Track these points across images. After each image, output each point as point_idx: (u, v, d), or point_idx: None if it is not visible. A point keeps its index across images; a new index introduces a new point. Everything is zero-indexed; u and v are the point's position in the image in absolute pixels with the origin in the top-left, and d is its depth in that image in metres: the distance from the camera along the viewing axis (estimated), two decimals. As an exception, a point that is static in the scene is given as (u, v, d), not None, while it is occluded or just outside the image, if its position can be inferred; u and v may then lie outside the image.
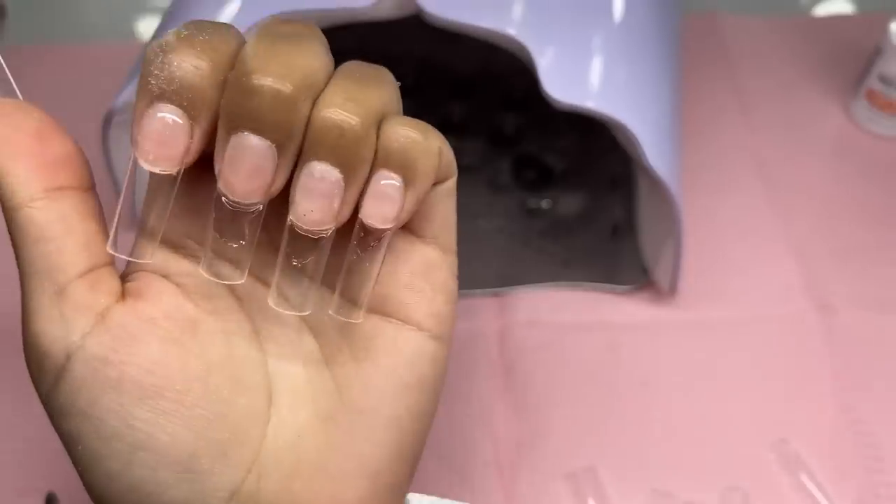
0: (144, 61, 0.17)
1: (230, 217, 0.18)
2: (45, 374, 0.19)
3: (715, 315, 0.42)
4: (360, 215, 0.19)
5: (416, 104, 0.51)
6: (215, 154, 0.18)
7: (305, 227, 0.18)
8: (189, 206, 0.20)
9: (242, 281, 0.20)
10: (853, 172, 0.48)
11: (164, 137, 0.17)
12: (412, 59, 0.49)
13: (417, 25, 0.36)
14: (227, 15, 0.36)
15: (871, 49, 0.49)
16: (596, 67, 0.36)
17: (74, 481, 0.36)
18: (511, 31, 0.35)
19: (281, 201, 0.18)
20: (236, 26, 0.19)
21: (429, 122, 0.20)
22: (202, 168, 0.18)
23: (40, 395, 0.19)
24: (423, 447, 0.22)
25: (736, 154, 0.49)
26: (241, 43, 0.18)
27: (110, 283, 0.19)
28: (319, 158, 0.17)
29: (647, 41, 0.39)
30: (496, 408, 0.39)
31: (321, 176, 0.18)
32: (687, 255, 0.42)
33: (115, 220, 0.19)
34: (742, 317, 0.42)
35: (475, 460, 0.37)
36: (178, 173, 0.18)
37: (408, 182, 0.18)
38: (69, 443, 0.19)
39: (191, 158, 0.18)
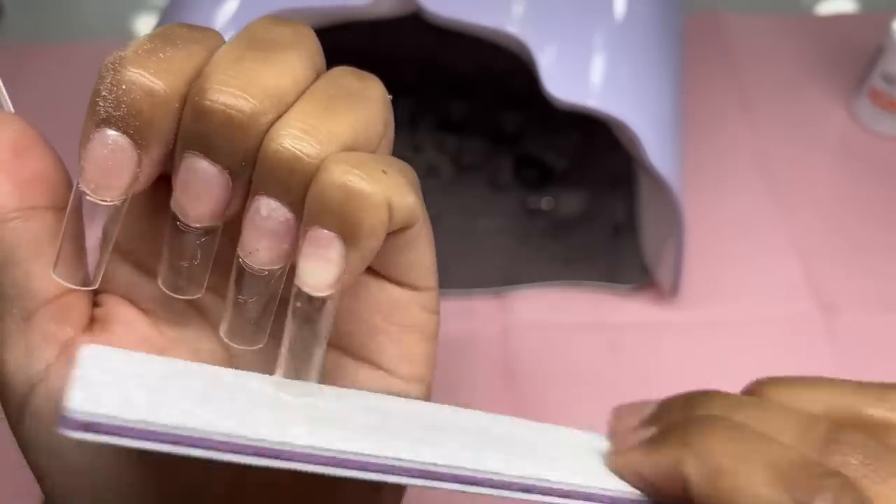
0: (98, 77, 0.15)
1: (180, 236, 0.17)
2: (9, 404, 0.17)
3: (717, 315, 0.42)
4: (294, 280, 0.16)
5: (416, 103, 0.51)
6: (172, 173, 0.16)
7: (253, 266, 0.16)
8: (154, 224, 0.18)
9: (198, 295, 0.17)
10: (856, 171, 0.48)
11: (108, 165, 0.15)
12: (412, 57, 0.49)
13: (417, 24, 0.36)
14: (225, 13, 0.36)
15: (874, 48, 0.49)
16: (597, 66, 0.35)
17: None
18: (511, 29, 0.34)
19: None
20: (235, 26, 0.18)
21: (429, 121, 0.18)
22: (167, 184, 0.17)
23: (10, 425, 0.18)
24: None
25: (738, 153, 0.49)
26: (208, 48, 0.16)
27: (80, 309, 0.18)
28: (268, 194, 0.16)
29: (649, 39, 0.39)
30: (496, 408, 0.38)
31: (268, 213, 0.16)
32: (688, 254, 0.42)
33: (59, 243, 0.17)
34: (744, 316, 0.42)
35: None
36: (122, 203, 0.16)
37: (349, 242, 0.15)
38: (38, 476, 0.18)
39: (140, 187, 0.16)
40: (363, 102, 0.17)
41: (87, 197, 0.16)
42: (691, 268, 0.42)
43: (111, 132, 0.15)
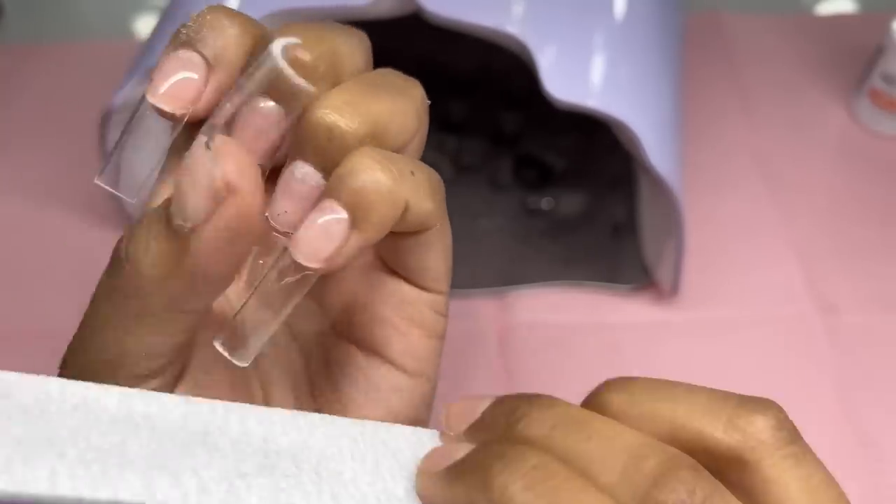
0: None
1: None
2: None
3: (716, 315, 0.42)
4: (289, 245, 0.16)
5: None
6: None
7: (279, 228, 0.17)
8: None
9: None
10: (856, 171, 0.48)
11: (178, 78, 0.17)
12: (412, 57, 0.49)
13: (417, 24, 0.36)
14: (225, 13, 0.36)
15: (874, 48, 0.49)
16: (597, 66, 0.35)
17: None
18: (511, 29, 0.34)
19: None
20: None
21: (429, 120, 0.19)
22: None
23: None
24: None
25: (738, 153, 0.49)
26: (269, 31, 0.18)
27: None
28: (304, 159, 0.17)
29: (649, 40, 0.39)
30: (496, 408, 0.38)
31: (302, 177, 0.17)
32: (688, 254, 0.42)
33: (111, 152, 0.18)
34: (744, 317, 0.42)
35: (475, 461, 0.37)
36: (181, 118, 0.17)
37: (356, 225, 0.16)
38: None
39: (201, 109, 0.17)
40: (403, 97, 0.18)
41: (151, 104, 0.17)
42: (691, 268, 0.42)
43: (187, 51, 0.17)
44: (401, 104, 0.17)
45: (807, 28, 0.56)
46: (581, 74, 0.35)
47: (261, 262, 0.18)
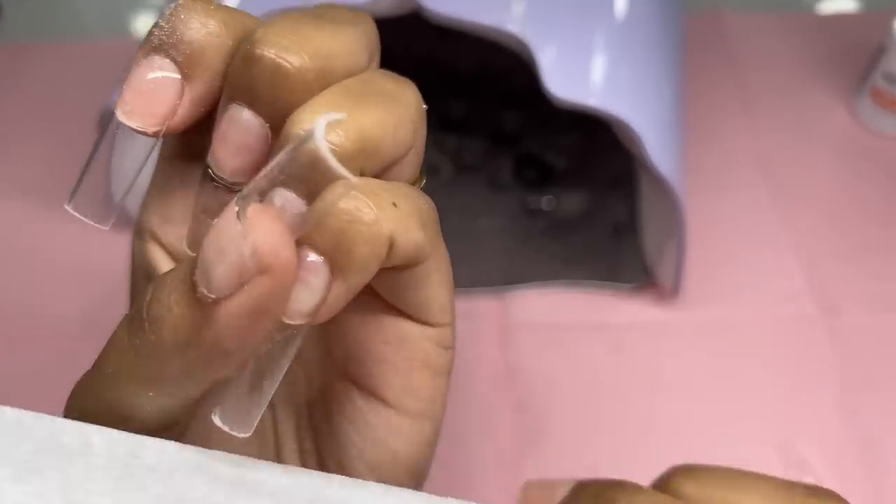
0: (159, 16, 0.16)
1: (210, 192, 0.16)
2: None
3: (718, 315, 0.42)
4: None
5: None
6: (215, 127, 0.16)
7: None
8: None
9: None
10: (857, 171, 0.48)
11: (148, 89, 0.15)
12: (412, 56, 0.49)
13: (417, 23, 0.36)
14: (224, 12, 0.36)
15: (875, 47, 0.48)
16: (598, 65, 0.35)
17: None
18: (512, 28, 0.34)
19: None
20: None
21: (429, 120, 0.18)
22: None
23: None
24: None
25: (739, 152, 0.49)
26: (257, 20, 0.16)
27: None
28: (287, 187, 0.14)
29: (650, 38, 0.38)
30: (496, 408, 0.38)
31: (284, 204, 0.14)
32: (689, 255, 0.42)
33: (80, 175, 0.16)
34: (745, 317, 0.42)
35: (475, 461, 0.37)
36: (156, 135, 0.15)
37: (336, 271, 0.14)
38: None
39: (176, 126, 0.16)
40: (395, 104, 0.16)
41: (121, 122, 0.15)
42: (692, 268, 0.42)
43: (160, 58, 0.15)
44: (393, 114, 0.16)
45: (808, 27, 0.56)
46: (582, 73, 0.35)
47: None
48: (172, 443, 0.14)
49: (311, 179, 0.13)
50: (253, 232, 0.12)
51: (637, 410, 0.38)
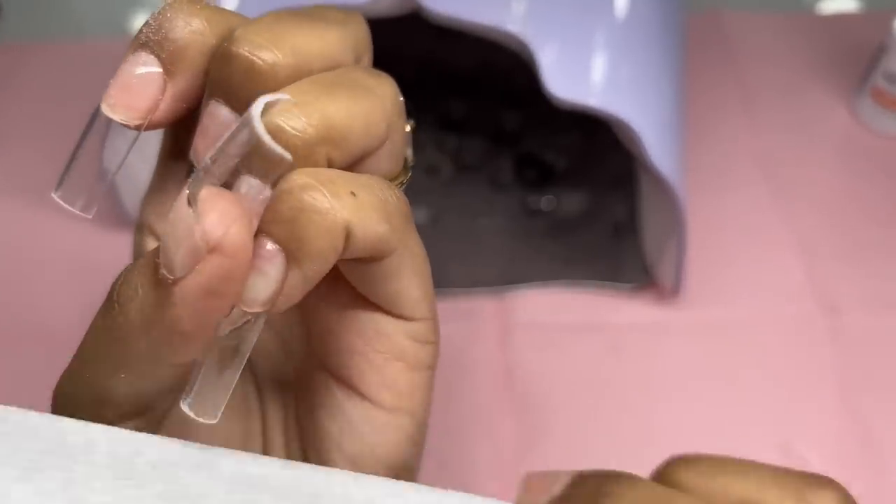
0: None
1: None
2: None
3: (718, 315, 0.42)
4: None
5: (415, 102, 0.50)
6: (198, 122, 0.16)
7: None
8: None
9: None
10: (858, 171, 0.48)
11: (132, 84, 0.16)
12: (412, 56, 0.49)
13: (417, 22, 0.36)
14: (224, 11, 0.36)
15: (876, 47, 0.48)
16: (598, 65, 0.35)
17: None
18: (512, 27, 0.34)
19: None
20: None
21: (429, 120, 0.18)
22: None
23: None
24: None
25: (740, 152, 0.49)
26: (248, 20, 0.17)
27: None
28: (248, 172, 0.15)
29: (651, 38, 0.38)
30: (496, 408, 0.38)
31: (246, 190, 0.15)
32: (690, 255, 0.42)
33: (66, 165, 0.17)
34: (746, 317, 0.42)
35: (475, 461, 0.37)
36: (138, 128, 0.16)
37: (291, 259, 0.14)
38: None
39: (158, 121, 0.16)
40: (367, 95, 0.16)
41: (105, 114, 0.16)
42: (693, 268, 0.42)
43: (145, 54, 0.16)
44: (364, 105, 0.16)
45: (809, 27, 0.56)
46: (582, 73, 0.35)
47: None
48: (175, 440, 0.15)
49: (260, 163, 0.14)
50: (203, 213, 0.13)
51: (637, 410, 0.38)
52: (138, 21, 0.58)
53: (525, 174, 0.47)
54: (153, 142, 0.19)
